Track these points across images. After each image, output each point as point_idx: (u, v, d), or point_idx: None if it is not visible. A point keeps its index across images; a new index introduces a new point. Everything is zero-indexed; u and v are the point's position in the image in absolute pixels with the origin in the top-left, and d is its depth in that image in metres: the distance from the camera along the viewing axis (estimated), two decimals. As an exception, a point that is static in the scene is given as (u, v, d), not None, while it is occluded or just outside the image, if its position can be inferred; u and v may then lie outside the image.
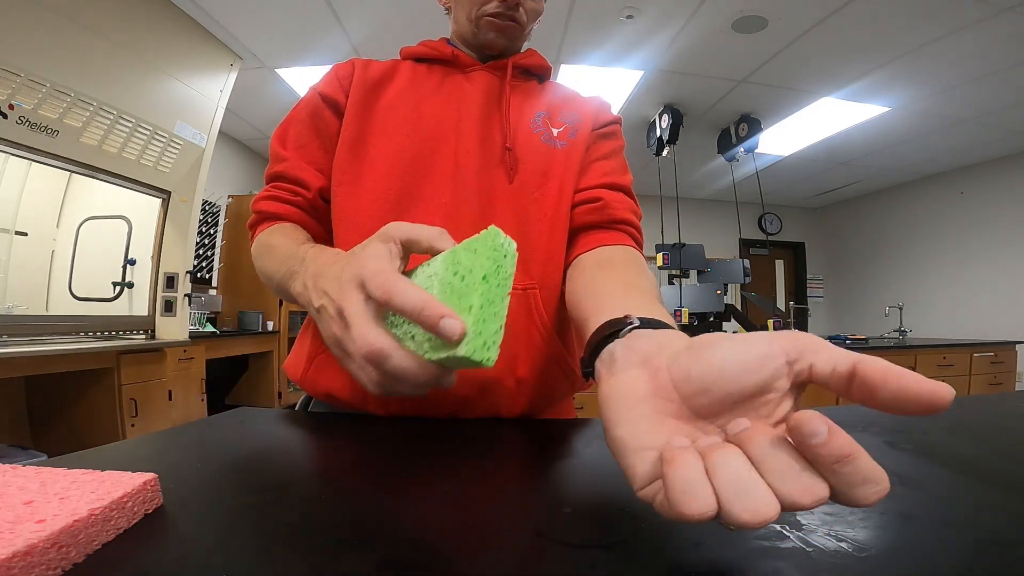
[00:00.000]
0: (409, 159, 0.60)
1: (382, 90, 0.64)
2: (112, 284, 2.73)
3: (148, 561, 0.22)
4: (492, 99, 0.65)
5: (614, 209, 0.61)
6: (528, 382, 0.57)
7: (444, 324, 0.28)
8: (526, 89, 0.68)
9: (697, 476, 0.19)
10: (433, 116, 0.62)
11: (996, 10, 2.32)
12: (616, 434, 0.24)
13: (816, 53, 2.78)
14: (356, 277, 0.33)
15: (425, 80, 0.65)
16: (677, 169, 4.08)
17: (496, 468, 0.40)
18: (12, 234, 2.50)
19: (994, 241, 4.47)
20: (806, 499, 0.18)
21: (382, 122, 0.62)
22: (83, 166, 2.22)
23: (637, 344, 0.28)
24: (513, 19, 0.64)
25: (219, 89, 2.81)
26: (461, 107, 0.63)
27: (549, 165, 0.63)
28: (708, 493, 0.18)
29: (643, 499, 0.22)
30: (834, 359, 0.21)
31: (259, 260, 0.56)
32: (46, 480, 0.26)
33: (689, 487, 0.18)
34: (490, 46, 0.66)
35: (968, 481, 0.34)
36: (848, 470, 0.18)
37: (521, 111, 0.65)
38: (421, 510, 0.30)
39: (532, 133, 0.64)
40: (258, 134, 4.20)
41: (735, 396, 0.22)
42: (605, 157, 0.66)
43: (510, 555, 0.24)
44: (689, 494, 0.18)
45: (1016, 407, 0.62)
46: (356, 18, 2.57)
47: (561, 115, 0.66)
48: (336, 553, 0.24)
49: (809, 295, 6.12)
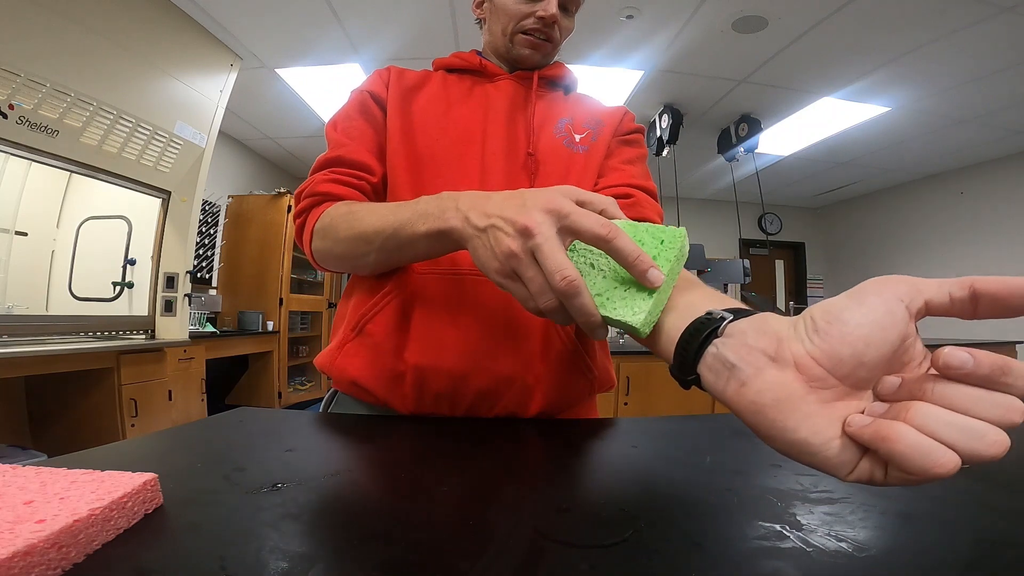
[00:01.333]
0: (441, 160, 0.62)
1: (415, 95, 0.67)
2: (112, 284, 2.72)
3: (148, 561, 0.22)
4: (518, 106, 0.67)
5: (645, 208, 0.64)
6: (545, 380, 0.58)
7: (651, 273, 0.32)
8: (551, 98, 0.70)
9: (921, 438, 0.20)
10: (462, 119, 0.64)
11: (996, 10, 2.32)
12: (797, 438, 0.23)
13: (816, 53, 2.78)
14: (549, 205, 0.34)
15: (455, 87, 0.68)
16: (677, 169, 4.07)
17: (496, 468, 0.39)
18: (12, 234, 2.50)
19: (994, 241, 4.47)
20: (1017, 416, 0.19)
21: (418, 123, 0.64)
22: (83, 166, 2.22)
23: (750, 341, 0.26)
24: (549, 38, 0.67)
25: (219, 89, 2.81)
26: (488, 113, 0.65)
27: (569, 169, 0.65)
28: (942, 447, 0.19)
29: (856, 481, 0.23)
30: (945, 288, 0.22)
31: (348, 223, 0.53)
32: (46, 480, 0.26)
33: (924, 448, 0.19)
34: (523, 61, 0.68)
35: (968, 481, 0.34)
36: (1010, 380, 0.19)
37: (545, 118, 0.67)
38: (422, 510, 0.30)
39: (554, 138, 0.66)
40: (258, 134, 4.20)
41: (887, 356, 0.23)
42: (631, 162, 0.68)
43: (510, 555, 0.24)
44: (931, 455, 0.19)
45: (1016, 407, 0.62)
46: (356, 18, 2.56)
47: (585, 122, 0.68)
48: (336, 552, 0.24)
49: (809, 295, 6.12)
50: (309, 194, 0.60)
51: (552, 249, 0.33)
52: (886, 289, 0.23)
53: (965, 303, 0.22)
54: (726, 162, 4.20)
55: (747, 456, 0.42)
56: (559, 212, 0.34)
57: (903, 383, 0.22)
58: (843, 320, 0.23)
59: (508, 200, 0.37)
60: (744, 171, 4.36)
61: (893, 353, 0.23)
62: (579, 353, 0.60)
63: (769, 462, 0.40)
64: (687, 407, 2.60)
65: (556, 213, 0.34)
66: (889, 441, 0.20)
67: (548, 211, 0.34)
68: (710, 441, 0.47)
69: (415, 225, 0.45)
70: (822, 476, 0.36)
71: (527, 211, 0.34)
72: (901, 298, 0.23)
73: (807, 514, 0.29)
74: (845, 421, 0.22)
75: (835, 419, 0.23)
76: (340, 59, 2.90)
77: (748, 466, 0.39)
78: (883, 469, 0.21)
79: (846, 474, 0.22)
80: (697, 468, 0.39)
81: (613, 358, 2.19)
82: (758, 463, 0.40)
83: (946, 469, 0.19)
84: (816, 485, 0.34)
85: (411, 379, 0.55)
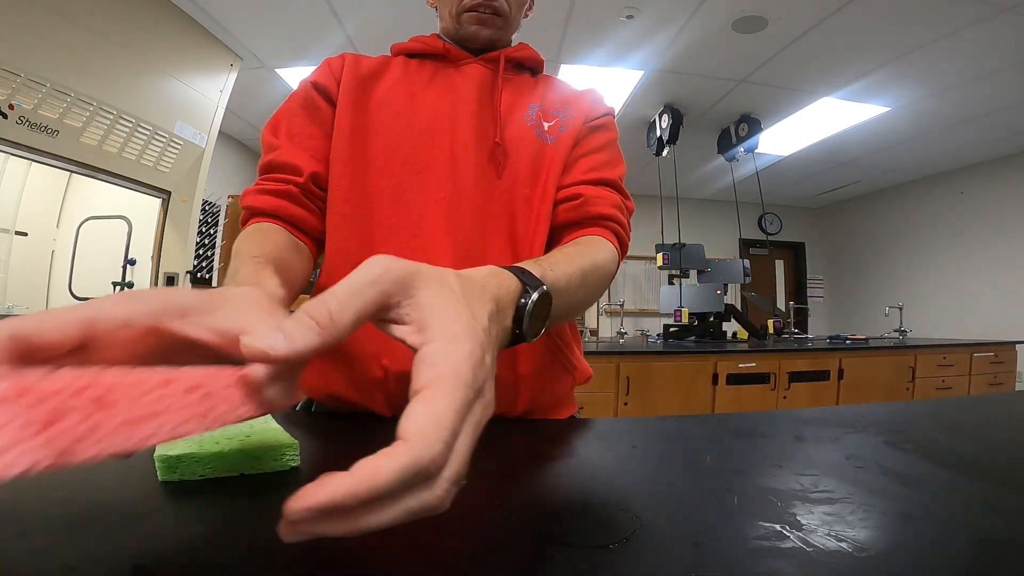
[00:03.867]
0: (405, 154, 0.59)
1: (374, 84, 0.63)
2: (112, 284, 2.72)
3: (148, 561, 0.22)
4: (485, 92, 0.63)
5: (593, 205, 0.60)
6: (529, 378, 0.58)
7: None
8: (519, 82, 0.67)
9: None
10: (427, 109, 0.61)
11: (996, 10, 2.32)
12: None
13: (816, 53, 2.78)
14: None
15: (417, 74, 0.64)
16: (677, 169, 4.07)
17: (496, 468, 0.39)
18: (12, 234, 2.50)
19: (994, 241, 4.46)
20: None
21: (376, 117, 0.61)
22: (83, 166, 2.22)
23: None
24: (496, 11, 0.63)
25: (219, 89, 2.81)
26: (455, 100, 0.62)
27: (539, 161, 0.62)
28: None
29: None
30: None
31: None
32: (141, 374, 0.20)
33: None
34: (472, 39, 0.65)
35: (968, 481, 0.34)
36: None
37: (514, 104, 0.64)
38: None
39: (526, 127, 0.63)
40: (258, 134, 4.15)
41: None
42: (595, 150, 0.65)
43: (510, 555, 0.24)
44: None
45: (1016, 407, 0.62)
46: (356, 18, 2.56)
47: (553, 109, 0.65)
48: (336, 552, 0.24)
49: (809, 295, 6.11)
50: (241, 206, 0.57)
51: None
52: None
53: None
54: (726, 162, 4.20)
55: (747, 456, 0.42)
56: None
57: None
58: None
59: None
60: (744, 171, 4.36)
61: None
62: (559, 349, 0.61)
63: (769, 462, 0.40)
64: (687, 407, 2.60)
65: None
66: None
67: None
68: (710, 441, 0.47)
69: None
70: (822, 476, 0.36)
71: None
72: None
73: (807, 514, 0.29)
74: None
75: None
76: (340, 59, 2.90)
77: (748, 466, 0.39)
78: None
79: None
80: (697, 468, 0.39)
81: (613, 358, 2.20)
82: (758, 463, 0.40)
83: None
84: (816, 485, 0.34)
85: (392, 385, 0.54)
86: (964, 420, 0.55)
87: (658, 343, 3.29)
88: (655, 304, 3.82)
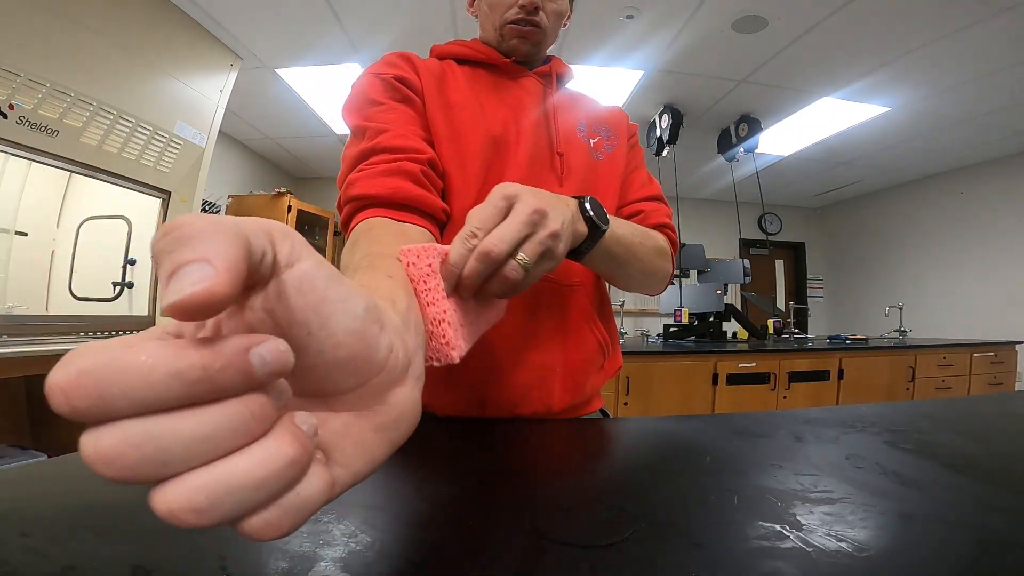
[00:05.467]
0: (485, 161, 0.60)
1: (446, 87, 0.63)
2: (112, 284, 2.72)
3: (148, 560, 0.22)
4: (540, 105, 0.67)
5: (652, 217, 0.67)
6: (576, 370, 0.61)
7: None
8: (563, 97, 0.71)
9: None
10: (496, 118, 0.63)
11: (996, 10, 2.32)
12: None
13: (816, 53, 2.78)
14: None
15: (479, 82, 0.66)
16: (677, 169, 4.07)
17: (497, 468, 0.39)
18: (12, 234, 2.50)
19: (994, 241, 4.46)
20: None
21: (459, 119, 0.60)
22: (83, 166, 2.22)
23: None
24: (535, 23, 0.65)
25: (219, 89, 2.81)
26: (518, 110, 0.65)
27: (594, 176, 0.66)
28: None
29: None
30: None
31: (349, 252, 0.43)
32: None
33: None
34: (514, 52, 0.67)
35: (968, 481, 0.34)
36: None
37: (566, 119, 0.68)
38: (422, 510, 0.30)
39: (580, 140, 0.67)
40: (258, 134, 4.19)
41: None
42: (637, 167, 0.72)
43: (510, 555, 0.24)
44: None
45: (1016, 407, 0.62)
46: (356, 18, 2.56)
47: (594, 126, 0.70)
48: (336, 552, 0.24)
49: (809, 295, 6.11)
50: (346, 200, 0.50)
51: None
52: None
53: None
54: (726, 162, 4.19)
55: (747, 456, 0.42)
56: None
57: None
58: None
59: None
60: (744, 171, 4.36)
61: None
62: (602, 335, 0.65)
63: (769, 462, 0.40)
64: (687, 407, 2.60)
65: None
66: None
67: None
68: (710, 441, 0.47)
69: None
70: (822, 476, 0.36)
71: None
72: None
73: (807, 514, 0.29)
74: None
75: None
76: (340, 59, 2.90)
77: (748, 466, 0.39)
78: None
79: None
80: (697, 468, 0.39)
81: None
82: (758, 463, 0.40)
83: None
84: (816, 485, 0.34)
85: (443, 386, 0.57)
86: (964, 420, 0.55)
87: (658, 343, 3.29)
88: (655, 304, 3.82)
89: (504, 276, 0.33)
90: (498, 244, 0.32)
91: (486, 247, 0.32)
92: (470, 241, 0.33)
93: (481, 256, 0.32)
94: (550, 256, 0.36)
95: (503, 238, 0.33)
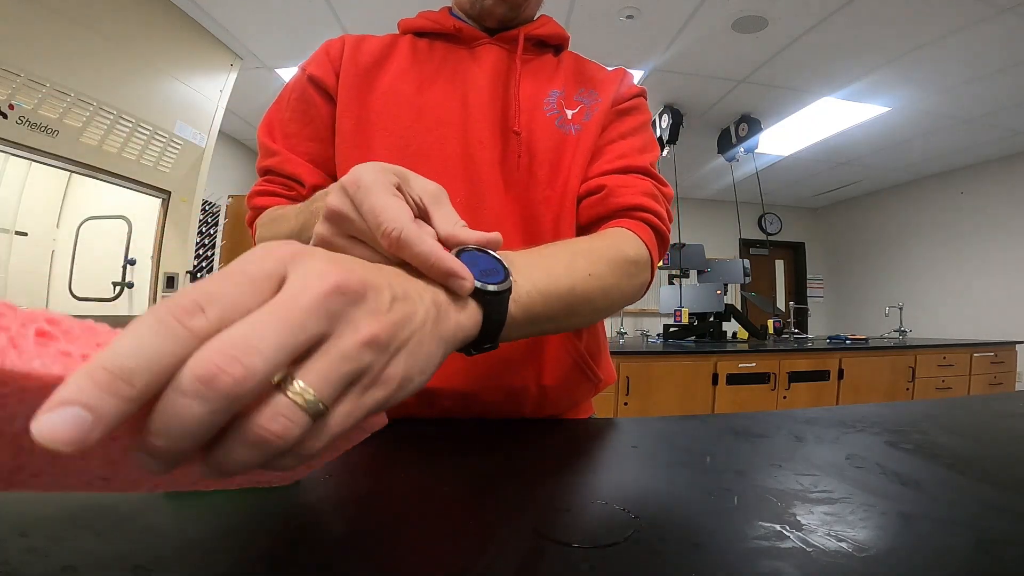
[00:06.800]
0: (415, 152, 0.54)
1: (379, 73, 0.57)
2: (112, 284, 2.72)
3: (147, 560, 0.22)
4: (500, 79, 0.57)
5: (619, 196, 0.53)
6: (552, 388, 0.57)
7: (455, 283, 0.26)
8: (539, 64, 0.61)
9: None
10: (437, 102, 0.56)
11: (996, 10, 2.32)
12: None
13: (816, 53, 2.78)
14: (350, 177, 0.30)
15: (426, 60, 0.58)
16: (677, 169, 4.07)
17: (496, 468, 0.39)
18: (12, 234, 2.50)
19: (994, 241, 4.47)
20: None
21: (382, 111, 0.55)
22: (83, 166, 2.22)
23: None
24: None
25: (219, 89, 2.81)
26: (467, 90, 0.56)
27: (560, 155, 0.56)
28: None
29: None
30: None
31: (271, 233, 0.49)
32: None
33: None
34: (488, 14, 0.59)
35: (968, 481, 0.34)
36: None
37: (534, 90, 0.58)
38: (422, 510, 0.30)
39: (545, 116, 0.57)
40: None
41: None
42: (623, 136, 0.59)
43: (510, 555, 0.24)
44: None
45: (1016, 407, 0.62)
46: (356, 18, 2.57)
47: (577, 94, 0.59)
48: (336, 552, 0.24)
49: (809, 295, 6.11)
50: (249, 206, 0.57)
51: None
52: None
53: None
54: (726, 162, 4.19)
55: (747, 456, 0.42)
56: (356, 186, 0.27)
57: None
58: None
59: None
60: (744, 171, 4.36)
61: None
62: (583, 358, 0.59)
63: (769, 462, 0.40)
64: (687, 407, 2.60)
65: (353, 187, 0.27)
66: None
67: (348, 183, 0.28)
68: (710, 441, 0.47)
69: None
70: (822, 476, 0.36)
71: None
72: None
73: (807, 514, 0.29)
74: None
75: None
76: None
77: (748, 466, 0.39)
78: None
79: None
80: (697, 468, 0.39)
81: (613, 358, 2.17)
82: (758, 463, 0.40)
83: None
84: (816, 485, 0.34)
85: (414, 400, 0.52)
86: (964, 420, 0.55)
87: (658, 343, 3.30)
88: (655, 304, 3.82)
89: (256, 434, 0.16)
90: (243, 357, 0.15)
91: (207, 367, 0.15)
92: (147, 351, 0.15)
93: (193, 388, 0.15)
94: (372, 382, 0.19)
95: (254, 346, 0.15)
